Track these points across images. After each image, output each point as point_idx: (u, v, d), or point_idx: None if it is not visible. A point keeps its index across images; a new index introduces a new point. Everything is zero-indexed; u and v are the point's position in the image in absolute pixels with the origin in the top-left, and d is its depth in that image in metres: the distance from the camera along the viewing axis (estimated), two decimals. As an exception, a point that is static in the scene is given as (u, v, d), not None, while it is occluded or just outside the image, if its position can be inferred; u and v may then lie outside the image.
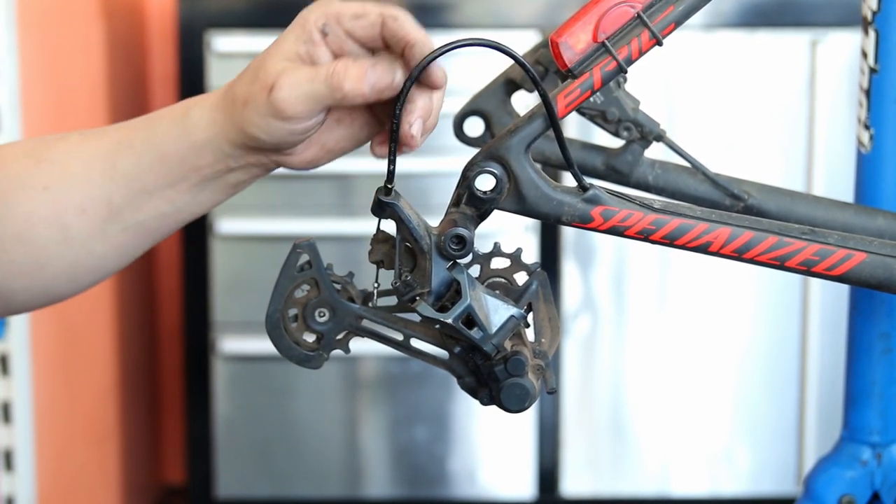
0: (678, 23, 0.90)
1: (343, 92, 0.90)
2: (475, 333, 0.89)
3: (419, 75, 0.90)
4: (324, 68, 0.90)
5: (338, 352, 0.94)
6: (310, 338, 0.94)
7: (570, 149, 0.92)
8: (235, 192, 0.99)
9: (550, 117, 0.89)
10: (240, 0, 2.76)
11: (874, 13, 1.11)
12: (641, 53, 0.90)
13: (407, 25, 0.91)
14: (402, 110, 0.90)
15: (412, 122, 0.92)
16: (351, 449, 2.84)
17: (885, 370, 1.16)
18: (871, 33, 1.12)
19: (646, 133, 1.17)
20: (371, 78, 0.90)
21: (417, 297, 0.90)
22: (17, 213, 0.97)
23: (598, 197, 0.91)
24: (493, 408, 0.93)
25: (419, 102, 0.92)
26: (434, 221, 0.92)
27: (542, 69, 1.17)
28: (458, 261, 0.91)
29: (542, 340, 0.96)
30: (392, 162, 0.91)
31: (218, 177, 0.96)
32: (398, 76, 0.91)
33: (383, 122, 0.96)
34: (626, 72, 0.91)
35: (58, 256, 0.98)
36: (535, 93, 0.92)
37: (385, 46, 0.93)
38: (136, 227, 0.98)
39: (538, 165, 0.92)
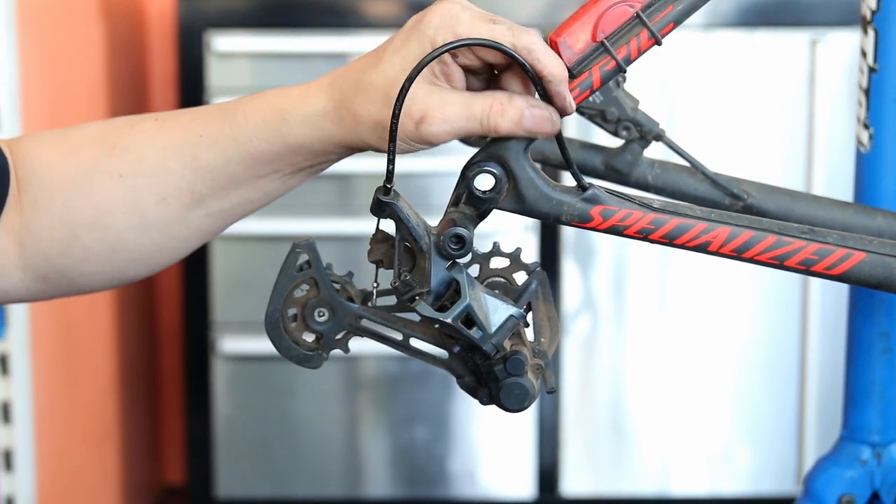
0: (677, 22, 0.90)
1: (499, 132, 0.88)
2: (474, 333, 0.89)
3: (416, 75, 0.89)
4: (477, 104, 0.88)
5: (337, 351, 0.94)
6: (309, 337, 0.94)
7: (569, 148, 0.92)
8: (319, 173, 0.98)
9: (550, 116, 0.89)
10: (240, 0, 2.76)
11: (873, 12, 1.11)
12: (640, 53, 0.90)
13: (542, 59, 0.87)
14: (400, 110, 0.90)
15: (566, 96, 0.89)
16: (351, 449, 2.84)
17: (884, 369, 1.16)
18: (871, 32, 1.12)
19: (645, 132, 1.17)
20: (528, 122, 0.88)
21: (417, 297, 0.90)
22: (91, 201, 0.96)
23: (597, 196, 0.91)
24: (493, 407, 0.93)
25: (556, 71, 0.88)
26: (433, 221, 0.92)
27: (541, 69, 1.17)
28: (458, 260, 0.90)
29: (542, 340, 0.96)
30: (391, 161, 0.91)
31: (314, 166, 0.96)
32: (557, 125, 0.89)
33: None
34: (625, 71, 0.91)
35: (134, 242, 0.97)
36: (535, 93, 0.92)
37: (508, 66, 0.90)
38: (221, 212, 0.98)
39: (537, 165, 0.92)
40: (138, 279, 1.01)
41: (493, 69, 0.91)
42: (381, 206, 0.91)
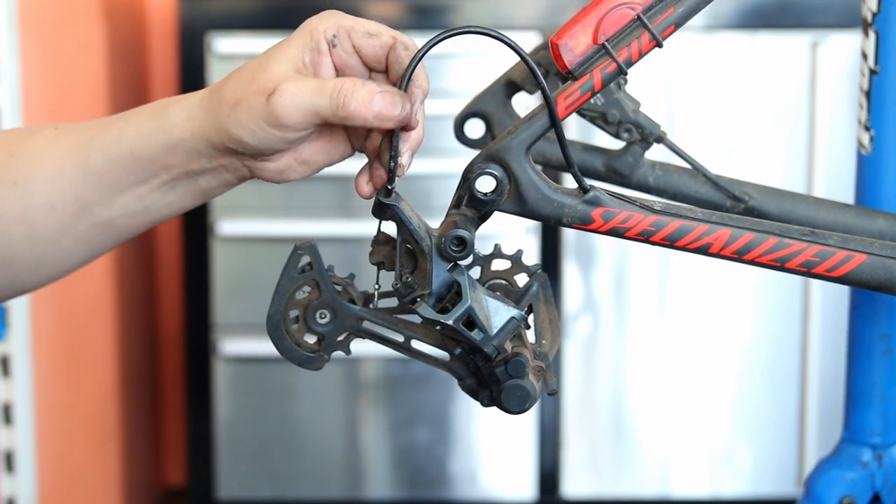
0: (678, 24, 0.91)
1: (347, 112, 0.89)
2: (476, 335, 0.89)
3: (411, 75, 0.89)
4: (330, 83, 0.89)
5: (339, 353, 0.95)
6: (311, 339, 0.94)
7: (570, 150, 0.92)
8: (205, 198, 0.97)
9: (552, 117, 0.89)
10: (241, 2, 2.76)
11: (874, 15, 1.11)
12: (641, 55, 0.90)
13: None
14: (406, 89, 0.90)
15: (403, 152, 0.92)
16: (352, 450, 2.84)
17: (885, 371, 1.16)
18: (872, 35, 1.12)
19: (646, 135, 1.17)
20: (377, 105, 0.89)
21: (418, 299, 0.90)
22: None
23: (598, 198, 0.92)
24: (494, 409, 0.93)
25: (414, 134, 0.92)
26: (435, 223, 0.92)
27: (542, 71, 1.17)
28: (459, 262, 0.91)
29: (543, 342, 0.96)
30: (392, 161, 0.91)
31: (189, 178, 0.95)
32: (406, 109, 0.90)
33: (354, 147, 0.96)
34: (626, 73, 0.91)
35: (25, 252, 0.97)
36: (537, 94, 0.92)
37: (385, 70, 0.92)
38: (105, 224, 0.97)
39: (539, 167, 0.92)
40: (33, 290, 1.02)
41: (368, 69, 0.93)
42: (383, 208, 0.91)
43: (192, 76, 2.72)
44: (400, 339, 0.94)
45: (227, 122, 0.91)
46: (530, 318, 0.99)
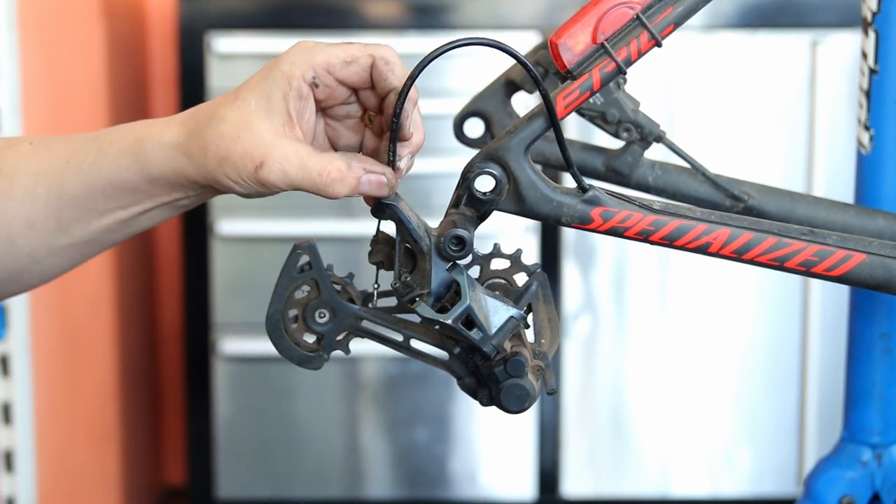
0: (677, 24, 0.91)
1: (335, 195, 0.89)
2: (475, 334, 0.89)
3: (418, 76, 0.90)
4: (315, 164, 0.89)
5: (338, 353, 0.95)
6: (310, 339, 0.94)
7: (569, 150, 0.92)
8: (185, 210, 0.98)
9: (551, 117, 0.89)
10: (241, 1, 2.76)
11: (874, 14, 1.12)
12: (641, 54, 0.90)
13: (397, 71, 0.91)
14: (402, 109, 0.90)
15: (403, 155, 0.92)
16: (351, 450, 2.84)
17: (885, 371, 1.16)
18: (871, 34, 1.12)
19: (646, 134, 1.17)
20: (364, 188, 0.90)
21: (417, 298, 0.90)
22: None
23: (597, 198, 0.92)
24: (494, 409, 0.93)
25: (414, 138, 0.92)
26: (434, 223, 0.92)
27: (541, 70, 1.17)
28: (458, 262, 0.91)
29: (542, 341, 0.96)
30: (391, 163, 0.91)
31: (173, 202, 0.96)
32: (390, 185, 0.90)
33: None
34: (625, 73, 0.91)
35: (3, 264, 0.97)
36: (536, 94, 0.92)
37: (371, 87, 0.92)
38: (85, 242, 0.97)
39: (538, 166, 0.92)
40: (10, 297, 1.02)
41: (354, 102, 0.93)
42: (382, 208, 0.91)
43: (191, 76, 2.72)
44: (399, 338, 0.94)
45: (214, 174, 0.90)
46: (529, 318, 0.99)
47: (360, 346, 0.95)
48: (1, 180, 0.96)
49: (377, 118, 0.94)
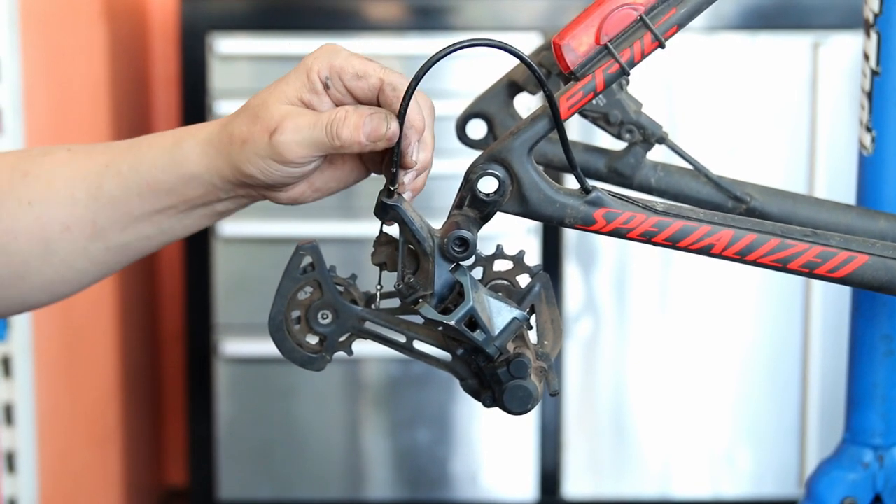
0: (680, 25, 0.91)
1: (341, 140, 0.91)
2: (478, 335, 0.89)
3: (423, 77, 0.90)
4: (325, 115, 0.92)
5: (340, 354, 0.95)
6: (312, 340, 0.94)
7: (572, 151, 0.92)
8: (221, 217, 1.00)
9: (555, 118, 0.89)
10: (242, 2, 2.76)
11: (876, 15, 1.12)
12: (644, 56, 0.90)
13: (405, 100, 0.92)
14: (406, 109, 0.90)
15: (408, 172, 0.93)
16: (353, 451, 2.84)
17: (887, 372, 1.16)
18: (873, 35, 1.12)
19: (648, 135, 1.17)
20: (367, 127, 0.91)
21: (420, 300, 0.90)
22: (0, 226, 0.97)
23: (600, 199, 0.92)
24: (496, 410, 0.93)
25: (422, 157, 0.94)
26: (437, 224, 0.92)
27: (544, 72, 1.17)
28: (461, 263, 0.91)
29: (545, 342, 0.96)
30: (395, 164, 0.91)
31: (206, 205, 0.98)
32: (392, 127, 0.91)
33: (370, 169, 0.98)
34: (628, 74, 0.91)
35: (38, 270, 0.98)
36: (538, 95, 0.92)
37: (378, 104, 0.94)
38: (120, 247, 0.99)
39: (541, 168, 0.92)
40: (39, 307, 1.03)
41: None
42: (385, 209, 0.91)
43: (193, 77, 2.72)
44: (402, 339, 0.94)
45: (237, 160, 0.93)
46: (532, 319, 0.99)
47: (361, 347, 0.96)
48: (37, 185, 0.97)
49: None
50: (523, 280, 1.00)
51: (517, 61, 0.89)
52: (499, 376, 0.91)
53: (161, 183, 0.96)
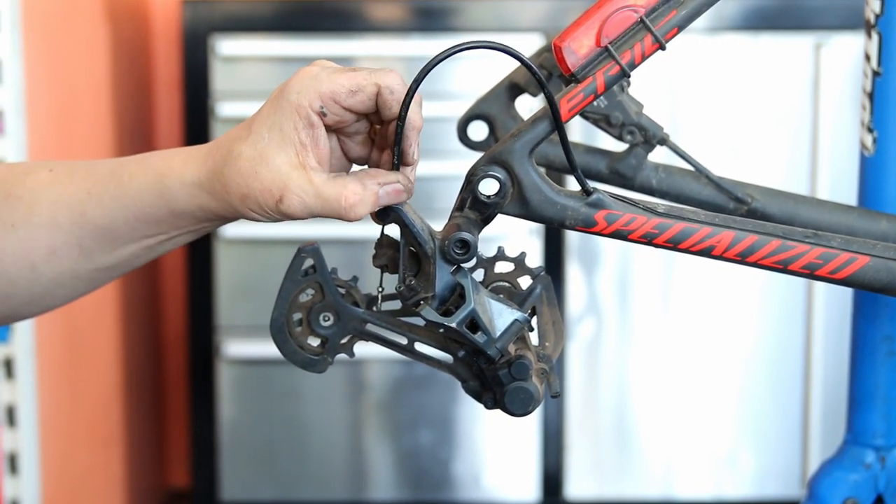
0: (681, 27, 0.91)
1: (357, 217, 0.90)
2: (479, 337, 0.89)
3: (423, 79, 0.90)
4: (332, 197, 0.90)
5: (342, 356, 0.95)
6: (314, 342, 0.94)
7: (573, 152, 0.92)
8: (209, 232, 0.99)
9: (556, 120, 0.89)
10: (245, 4, 2.76)
11: (877, 16, 1.12)
12: (644, 58, 0.90)
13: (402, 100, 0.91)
14: (405, 116, 0.90)
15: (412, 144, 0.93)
16: (355, 452, 2.84)
17: (889, 373, 1.16)
18: (874, 36, 1.12)
19: (649, 137, 1.17)
20: (384, 199, 0.91)
21: (421, 302, 0.90)
22: None
23: (601, 201, 0.92)
24: (498, 411, 0.93)
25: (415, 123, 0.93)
26: (438, 226, 0.92)
27: (545, 73, 1.17)
28: (462, 265, 0.91)
29: (546, 344, 0.96)
30: (396, 166, 0.91)
31: (198, 231, 0.97)
32: (408, 189, 0.91)
33: (351, 161, 0.97)
34: (629, 76, 0.91)
35: (26, 288, 0.98)
36: (539, 97, 0.92)
37: (376, 112, 0.92)
38: (109, 267, 0.98)
39: (542, 169, 0.92)
40: (32, 317, 1.02)
41: (363, 119, 0.93)
42: (386, 211, 0.91)
43: (196, 78, 2.72)
44: (403, 341, 0.94)
45: (238, 209, 0.91)
46: (534, 321, 0.99)
47: (363, 349, 0.96)
48: (21, 207, 0.96)
49: (381, 131, 0.95)
50: (524, 282, 1.00)
51: (518, 63, 0.89)
52: (500, 378, 0.91)
53: (149, 215, 0.94)
